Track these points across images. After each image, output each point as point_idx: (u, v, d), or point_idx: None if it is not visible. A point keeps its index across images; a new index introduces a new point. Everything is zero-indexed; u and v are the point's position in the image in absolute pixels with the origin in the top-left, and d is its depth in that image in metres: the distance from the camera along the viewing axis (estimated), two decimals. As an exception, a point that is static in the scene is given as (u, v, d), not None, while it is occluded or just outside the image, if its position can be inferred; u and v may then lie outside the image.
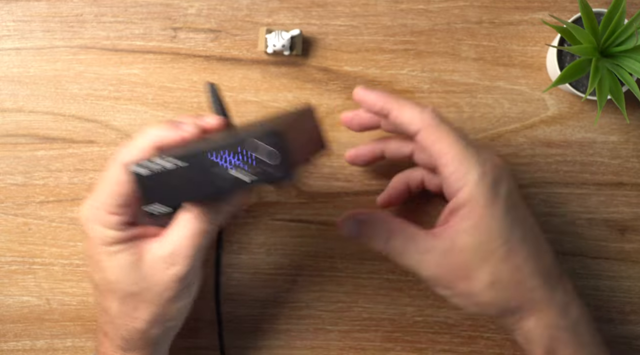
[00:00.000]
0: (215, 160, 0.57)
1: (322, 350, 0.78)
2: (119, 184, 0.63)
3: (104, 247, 0.64)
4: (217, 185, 0.57)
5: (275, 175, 0.56)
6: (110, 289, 0.65)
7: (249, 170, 0.57)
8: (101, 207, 0.64)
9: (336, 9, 0.77)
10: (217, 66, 0.77)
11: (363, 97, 0.68)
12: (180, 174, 0.58)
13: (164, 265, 0.64)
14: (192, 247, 0.63)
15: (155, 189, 0.58)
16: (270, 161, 0.56)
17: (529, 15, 0.77)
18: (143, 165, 0.58)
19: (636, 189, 0.77)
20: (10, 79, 0.77)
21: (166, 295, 0.65)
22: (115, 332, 0.67)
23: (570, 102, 0.77)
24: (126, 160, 0.63)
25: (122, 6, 0.77)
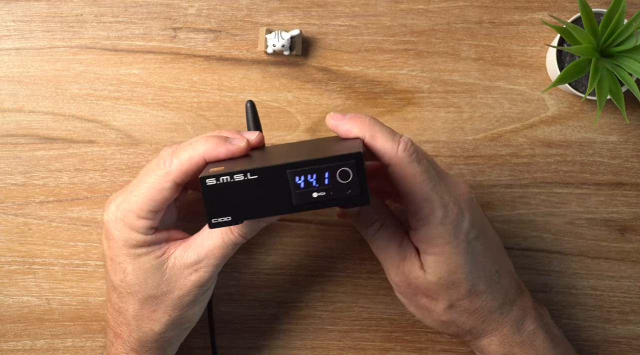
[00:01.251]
0: (294, 179, 0.57)
1: (322, 350, 0.78)
2: (158, 191, 0.63)
3: (129, 250, 0.65)
4: (290, 203, 0.58)
5: (355, 200, 0.57)
6: (131, 291, 0.66)
7: (328, 191, 0.57)
8: (132, 210, 0.64)
9: (336, 9, 0.77)
10: (217, 66, 0.77)
11: (336, 126, 0.64)
12: (251, 188, 0.58)
13: (188, 271, 0.65)
14: (219, 257, 0.65)
15: (224, 201, 0.58)
16: (353, 184, 0.57)
17: (529, 15, 0.77)
18: (214, 176, 0.58)
19: (636, 189, 0.77)
20: (10, 79, 0.77)
21: (186, 300, 0.66)
22: (130, 333, 0.67)
23: (570, 102, 0.77)
24: (170, 170, 0.63)
25: (122, 6, 0.77)
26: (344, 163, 0.56)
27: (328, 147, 0.63)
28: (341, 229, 0.78)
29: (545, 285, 0.78)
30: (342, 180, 0.57)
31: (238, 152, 0.63)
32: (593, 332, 0.78)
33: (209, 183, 0.57)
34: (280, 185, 0.57)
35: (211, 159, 0.62)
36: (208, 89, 0.77)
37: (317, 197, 0.57)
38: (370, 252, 0.78)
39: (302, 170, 0.57)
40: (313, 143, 0.67)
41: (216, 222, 0.58)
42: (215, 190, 0.58)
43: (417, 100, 0.77)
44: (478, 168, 0.77)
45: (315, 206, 0.57)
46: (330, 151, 0.59)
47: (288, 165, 0.57)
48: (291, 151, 0.64)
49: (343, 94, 0.77)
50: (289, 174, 0.57)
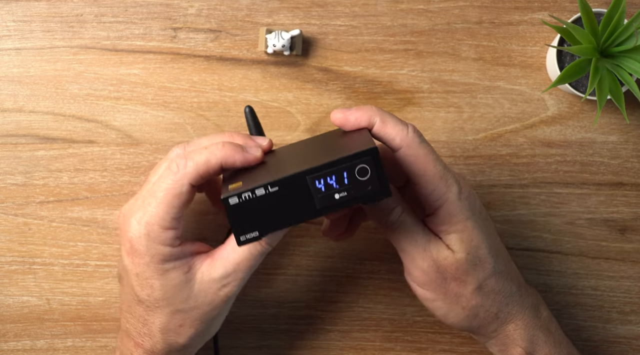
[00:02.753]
0: (314, 184, 0.58)
1: (322, 350, 0.78)
2: (175, 197, 0.62)
3: (157, 265, 0.64)
4: (314, 207, 0.58)
5: (377, 194, 0.58)
6: (159, 305, 0.65)
7: (349, 191, 0.58)
8: (156, 222, 0.63)
9: (336, 9, 0.77)
10: (217, 66, 0.77)
11: (344, 117, 0.64)
12: (274, 199, 0.58)
13: (217, 286, 0.64)
14: (246, 270, 0.64)
15: (249, 217, 0.58)
16: (372, 180, 0.57)
17: (529, 15, 0.77)
18: (236, 195, 0.58)
19: (636, 189, 0.77)
20: (10, 79, 0.77)
21: (214, 314, 0.65)
22: (154, 344, 0.67)
23: (570, 102, 0.77)
24: (186, 173, 0.62)
25: (122, 6, 0.77)
26: (361, 160, 0.57)
27: (338, 145, 0.62)
28: (341, 229, 0.78)
29: (545, 285, 0.78)
30: (362, 178, 0.57)
31: (254, 161, 0.63)
32: (593, 332, 0.78)
33: (232, 202, 0.58)
34: (302, 192, 0.58)
35: (228, 166, 0.62)
36: (208, 89, 0.77)
37: (339, 198, 0.58)
38: (371, 252, 0.78)
39: (321, 174, 0.57)
40: (319, 141, 0.67)
41: (244, 240, 0.59)
42: (239, 208, 0.58)
43: (417, 100, 0.77)
44: (478, 168, 0.77)
45: (339, 207, 0.58)
46: (343, 150, 0.59)
47: (306, 171, 0.57)
48: (302, 154, 0.64)
49: (343, 94, 0.77)
50: (309, 180, 0.58)
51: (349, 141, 0.62)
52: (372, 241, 0.78)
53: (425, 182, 0.64)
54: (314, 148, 0.65)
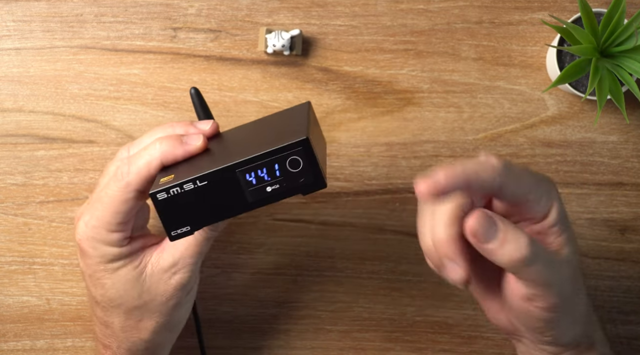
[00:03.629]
0: (245, 177, 0.56)
1: (322, 350, 0.78)
2: (122, 203, 0.62)
3: (106, 265, 0.64)
4: (245, 201, 0.56)
5: (310, 185, 0.56)
6: (114, 305, 0.65)
7: (282, 183, 0.56)
8: (101, 225, 0.63)
9: (336, 9, 0.77)
10: (217, 66, 0.77)
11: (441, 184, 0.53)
12: (204, 194, 0.57)
13: (167, 275, 0.64)
14: (194, 255, 0.63)
15: (179, 212, 0.57)
16: (304, 171, 0.56)
17: (529, 15, 0.77)
18: (164, 190, 0.57)
19: (636, 189, 0.77)
20: (10, 79, 0.77)
21: (171, 304, 0.65)
22: (119, 344, 0.67)
23: (570, 102, 0.77)
24: (130, 179, 0.61)
25: (122, 6, 0.77)
26: (292, 152, 0.55)
27: (276, 131, 0.60)
28: (341, 229, 0.78)
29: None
30: (294, 169, 0.56)
31: (196, 151, 0.61)
32: (593, 332, 0.78)
33: (160, 197, 0.57)
34: (232, 185, 0.56)
35: (169, 162, 0.61)
36: (208, 89, 0.77)
37: (271, 191, 0.56)
38: (371, 252, 0.78)
39: (251, 167, 0.56)
40: (266, 123, 0.65)
41: (175, 235, 0.57)
42: (168, 203, 0.57)
43: (417, 100, 0.77)
44: (478, 168, 0.77)
45: (272, 199, 0.56)
46: (277, 138, 0.57)
47: (236, 165, 0.56)
48: (243, 140, 0.62)
49: (343, 94, 0.77)
50: (239, 173, 0.56)
51: (286, 126, 0.60)
52: (372, 241, 0.78)
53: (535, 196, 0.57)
54: (257, 133, 0.63)
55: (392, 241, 0.78)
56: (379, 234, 0.78)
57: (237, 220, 0.77)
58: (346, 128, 0.77)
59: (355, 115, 0.77)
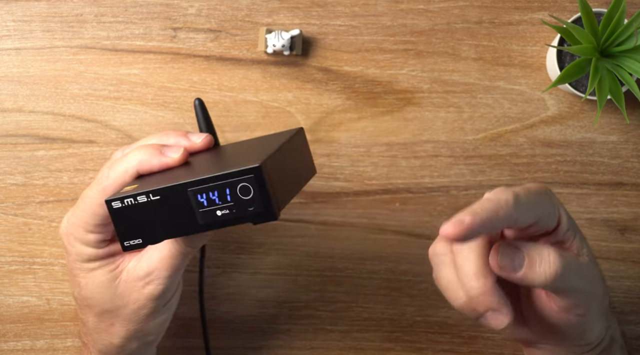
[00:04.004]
0: (196, 197, 0.55)
1: (322, 350, 0.78)
2: (99, 206, 0.62)
3: (82, 264, 0.64)
4: (196, 222, 0.55)
5: (258, 216, 0.54)
6: (87, 304, 0.65)
7: (232, 209, 0.54)
8: (80, 225, 0.63)
9: (336, 9, 0.77)
10: (217, 66, 0.77)
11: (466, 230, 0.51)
12: (157, 209, 0.55)
13: (140, 283, 0.63)
14: (169, 268, 0.63)
15: (133, 223, 0.56)
16: (255, 200, 0.54)
17: (529, 15, 0.77)
18: (119, 199, 0.56)
19: (636, 189, 0.77)
20: (10, 79, 0.77)
21: (142, 313, 0.64)
22: (94, 344, 0.67)
23: (570, 102, 0.77)
24: (107, 184, 0.61)
25: (122, 6, 0.77)
26: (242, 178, 0.53)
27: (244, 154, 0.59)
28: (341, 229, 0.78)
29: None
30: (244, 197, 0.54)
31: (172, 163, 0.60)
32: (593, 332, 0.78)
33: (115, 206, 0.56)
34: (184, 204, 0.55)
35: (144, 171, 0.60)
36: (208, 89, 0.77)
37: (221, 216, 0.55)
38: (371, 252, 0.78)
39: (203, 188, 0.54)
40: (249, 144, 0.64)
41: (128, 245, 0.57)
42: (122, 213, 0.56)
43: (417, 100, 0.77)
44: (478, 168, 0.77)
45: (222, 224, 0.55)
46: (237, 161, 0.56)
47: (188, 184, 0.55)
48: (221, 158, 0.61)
49: (343, 94, 0.77)
50: (190, 193, 0.55)
51: (255, 150, 0.59)
52: (372, 241, 0.78)
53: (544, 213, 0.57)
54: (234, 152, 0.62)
55: (392, 241, 0.78)
56: (379, 234, 0.78)
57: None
58: (346, 128, 0.77)
59: (355, 115, 0.77)
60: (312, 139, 0.77)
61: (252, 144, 0.65)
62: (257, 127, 0.77)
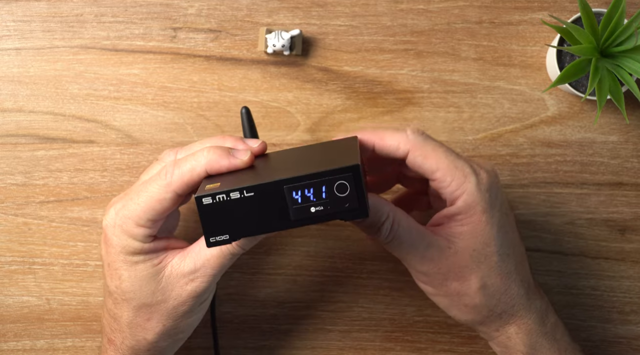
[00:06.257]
0: (291, 194, 0.56)
1: (322, 350, 0.78)
2: (158, 201, 0.62)
3: (126, 256, 0.64)
4: (289, 219, 0.57)
5: (352, 212, 0.56)
6: (126, 298, 0.65)
7: (326, 205, 0.56)
8: (131, 217, 0.63)
9: (336, 9, 0.77)
10: (217, 66, 0.77)
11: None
12: (249, 205, 0.57)
13: (184, 280, 0.64)
14: (216, 267, 0.63)
15: (221, 219, 0.57)
16: (350, 198, 0.56)
17: (529, 15, 0.77)
18: (210, 195, 0.57)
19: (636, 189, 0.77)
20: (10, 79, 0.77)
21: (181, 310, 0.65)
22: (123, 340, 0.67)
23: (570, 102, 0.77)
24: (172, 181, 0.62)
25: (122, 6, 0.77)
26: (341, 176, 0.56)
27: (326, 156, 0.61)
28: (341, 229, 0.78)
29: (545, 285, 0.78)
30: (340, 194, 0.56)
31: (242, 166, 0.62)
32: (593, 332, 0.78)
33: (205, 202, 0.57)
34: (278, 201, 0.56)
35: (213, 172, 0.61)
36: (208, 89, 0.77)
37: (315, 212, 0.56)
38: (371, 252, 0.78)
39: (299, 185, 0.56)
40: (315, 149, 0.66)
41: (214, 241, 0.57)
42: (212, 209, 0.57)
43: (417, 100, 0.77)
44: (478, 168, 0.77)
45: (314, 221, 0.56)
46: (327, 162, 0.58)
47: (284, 181, 0.56)
48: (292, 161, 0.63)
49: (343, 94, 0.77)
50: (286, 190, 0.56)
51: (337, 153, 0.61)
52: (372, 241, 0.78)
53: (442, 176, 0.63)
54: (306, 156, 0.64)
55: (392, 241, 0.78)
56: (379, 234, 0.78)
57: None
58: (346, 128, 0.77)
59: (355, 115, 0.77)
60: (312, 139, 0.77)
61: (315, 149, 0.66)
62: (257, 127, 0.77)
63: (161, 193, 0.62)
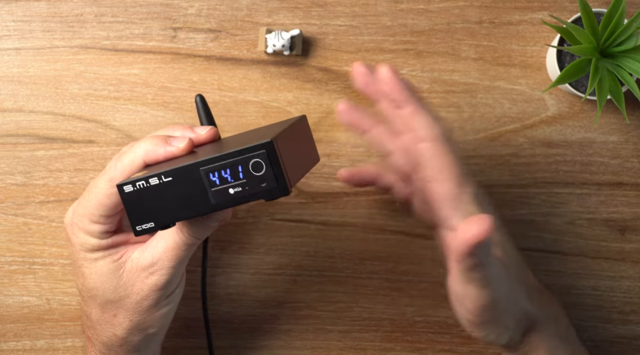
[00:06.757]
0: (208, 176, 0.55)
1: (322, 350, 0.78)
2: (106, 196, 0.62)
3: (85, 254, 0.64)
4: (208, 201, 0.56)
5: (271, 191, 0.55)
6: (91, 295, 0.66)
7: (244, 186, 0.55)
8: (85, 215, 0.63)
9: (336, 9, 0.77)
10: (217, 66, 0.77)
11: (389, 78, 0.66)
12: (169, 190, 0.56)
13: (144, 274, 0.64)
14: (173, 259, 0.63)
15: (145, 207, 0.56)
16: (267, 176, 0.55)
17: (529, 15, 0.77)
18: (130, 183, 0.56)
19: (636, 189, 0.77)
20: (10, 79, 0.77)
21: (146, 304, 0.65)
22: (97, 337, 0.67)
23: (570, 102, 0.77)
24: (114, 175, 0.62)
25: (122, 6, 0.77)
26: (254, 155, 0.54)
27: (252, 137, 0.60)
28: (341, 229, 0.78)
29: (545, 285, 0.78)
30: (256, 173, 0.55)
31: (178, 153, 0.61)
32: (593, 332, 0.78)
33: (126, 190, 0.56)
34: (196, 184, 0.55)
35: (151, 161, 0.61)
36: (208, 89, 0.77)
37: (234, 194, 0.55)
38: (371, 252, 0.78)
39: (215, 166, 0.55)
40: (255, 131, 0.65)
41: (140, 229, 0.57)
42: (134, 197, 0.56)
43: (417, 100, 0.77)
44: (478, 168, 0.77)
45: (235, 202, 0.55)
46: (246, 142, 0.57)
47: (200, 163, 0.55)
48: (226, 144, 0.62)
49: (343, 94, 0.77)
50: (202, 172, 0.55)
51: (263, 132, 0.59)
52: (372, 241, 0.78)
53: (443, 180, 0.64)
54: (242, 137, 0.63)
55: (392, 241, 0.78)
56: (379, 234, 0.78)
57: (237, 220, 0.77)
58: (346, 128, 0.77)
59: (355, 115, 0.77)
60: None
61: (257, 131, 0.66)
62: (257, 127, 0.77)
63: (107, 188, 0.62)
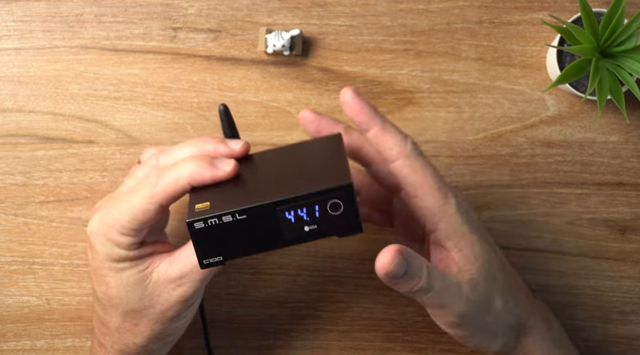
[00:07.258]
0: (284, 214, 0.56)
1: (322, 350, 0.78)
2: (142, 212, 0.61)
3: (111, 264, 0.64)
4: (282, 239, 0.56)
5: (346, 229, 0.56)
6: (113, 304, 0.65)
7: (319, 224, 0.56)
8: (115, 226, 0.62)
9: (336, 9, 0.77)
10: (217, 66, 0.77)
11: (350, 102, 0.64)
12: (241, 227, 0.56)
13: (171, 286, 0.63)
14: (203, 273, 0.63)
15: (214, 242, 0.57)
16: (344, 215, 0.55)
17: (529, 15, 0.77)
18: (202, 220, 0.56)
19: (636, 189, 0.77)
20: (10, 79, 0.77)
21: (169, 315, 0.65)
22: (113, 345, 0.67)
23: (570, 102, 0.77)
24: (156, 192, 0.61)
25: (122, 6, 0.77)
26: (335, 195, 0.55)
27: (313, 168, 0.60)
28: (341, 229, 0.78)
29: (545, 285, 0.78)
30: (333, 212, 0.56)
31: (225, 177, 0.60)
32: (593, 332, 0.78)
33: (197, 227, 0.56)
34: (270, 221, 0.56)
35: (196, 184, 0.60)
36: (208, 89, 0.77)
37: (308, 231, 0.56)
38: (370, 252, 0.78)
39: (292, 206, 0.56)
40: (297, 155, 0.65)
41: (207, 263, 0.57)
42: (204, 233, 0.56)
43: (417, 100, 0.77)
44: (478, 168, 0.77)
45: (307, 239, 0.56)
46: (317, 178, 0.57)
47: (277, 202, 0.56)
48: (276, 172, 0.62)
49: (343, 94, 0.77)
50: (279, 211, 0.56)
51: (325, 165, 0.60)
52: (372, 241, 0.78)
53: (424, 194, 0.63)
54: (292, 166, 0.63)
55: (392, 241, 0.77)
56: (379, 234, 0.78)
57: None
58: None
59: (355, 115, 0.77)
60: (312, 139, 0.77)
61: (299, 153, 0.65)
62: (257, 127, 0.77)
63: (144, 204, 0.61)
